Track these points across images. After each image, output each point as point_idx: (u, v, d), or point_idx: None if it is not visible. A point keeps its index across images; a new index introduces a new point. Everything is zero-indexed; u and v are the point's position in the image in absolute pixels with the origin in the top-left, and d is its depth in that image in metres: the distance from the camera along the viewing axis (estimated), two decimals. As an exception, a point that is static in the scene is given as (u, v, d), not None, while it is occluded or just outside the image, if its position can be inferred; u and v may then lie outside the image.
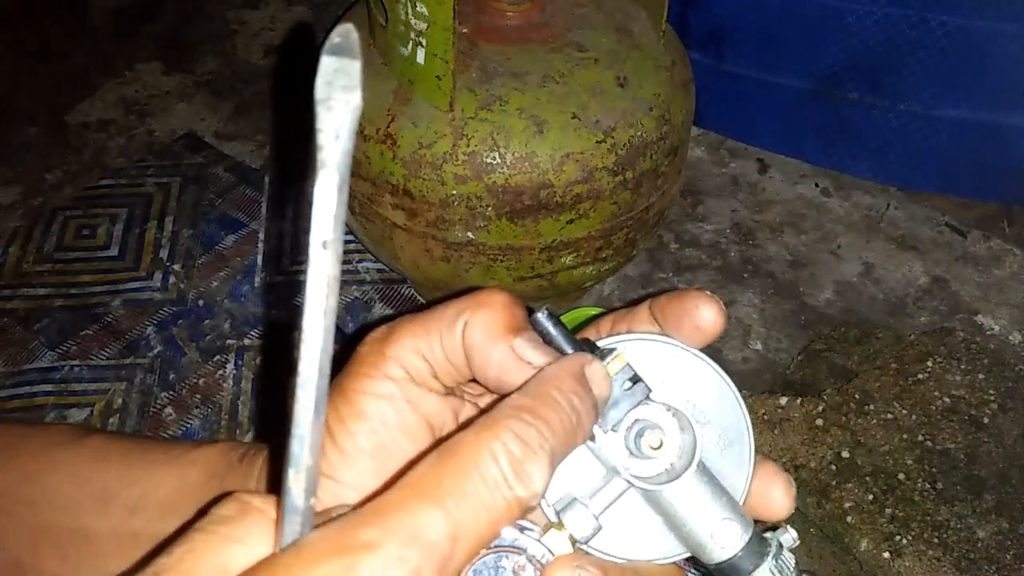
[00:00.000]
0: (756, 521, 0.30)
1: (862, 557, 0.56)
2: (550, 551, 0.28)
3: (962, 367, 0.65)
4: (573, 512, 0.28)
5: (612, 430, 0.28)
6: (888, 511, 0.57)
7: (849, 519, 0.57)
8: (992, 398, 0.63)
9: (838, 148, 0.96)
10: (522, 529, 0.29)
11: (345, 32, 0.20)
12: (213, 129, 1.04)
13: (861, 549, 0.56)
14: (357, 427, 0.27)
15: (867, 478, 0.59)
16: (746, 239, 0.90)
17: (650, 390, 0.28)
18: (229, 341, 0.79)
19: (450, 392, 0.29)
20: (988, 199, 0.94)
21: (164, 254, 0.87)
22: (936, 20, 0.82)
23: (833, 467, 0.60)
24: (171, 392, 0.75)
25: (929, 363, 0.66)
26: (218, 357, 0.78)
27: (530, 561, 0.28)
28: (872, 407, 0.63)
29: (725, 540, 0.29)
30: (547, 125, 0.68)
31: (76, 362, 0.77)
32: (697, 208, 0.93)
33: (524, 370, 0.27)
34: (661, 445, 0.28)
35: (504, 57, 0.71)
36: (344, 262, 0.86)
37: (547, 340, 0.29)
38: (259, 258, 0.86)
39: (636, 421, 0.28)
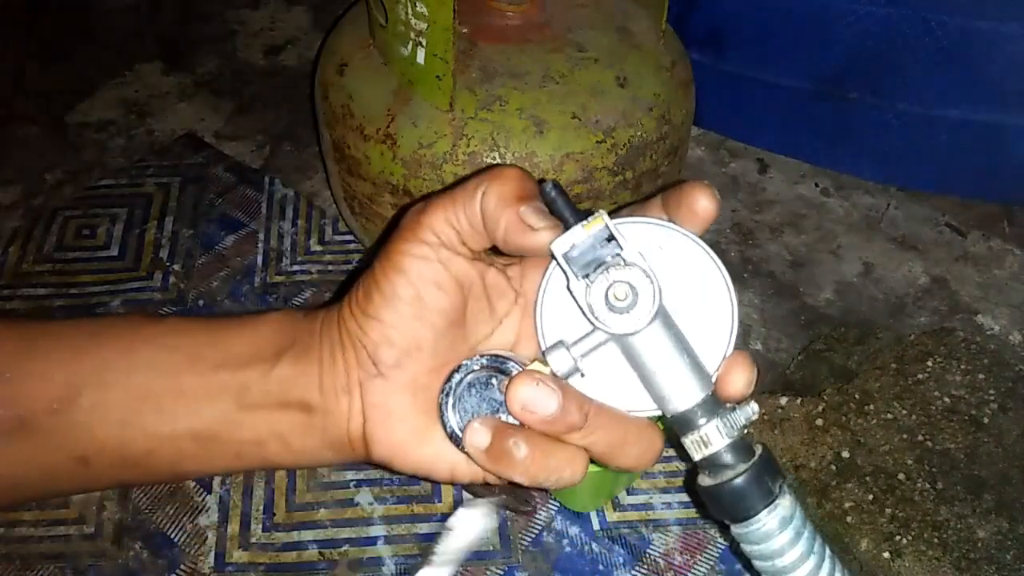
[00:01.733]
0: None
1: (862, 557, 0.56)
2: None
3: (962, 367, 0.65)
4: (556, 352, 0.33)
5: (584, 278, 0.32)
6: (888, 511, 0.57)
7: (849, 519, 0.57)
8: (992, 398, 0.63)
9: (838, 148, 0.96)
10: (511, 353, 0.35)
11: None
12: (213, 129, 1.04)
13: (861, 549, 0.56)
14: (397, 279, 0.34)
15: (867, 478, 0.59)
16: (746, 239, 0.90)
17: (621, 248, 0.32)
18: (229, 341, 0.79)
19: (477, 257, 0.35)
20: (988, 199, 0.94)
21: (164, 254, 0.87)
22: (936, 20, 0.82)
23: (833, 467, 0.60)
24: (171, 392, 0.75)
25: (929, 363, 0.66)
26: (218, 357, 0.78)
27: (517, 364, 0.34)
28: (872, 407, 0.63)
29: (682, 393, 0.33)
30: (547, 125, 0.68)
31: (76, 362, 0.77)
32: (697, 208, 0.93)
33: (527, 233, 0.32)
34: (628, 299, 0.32)
35: (504, 57, 0.71)
36: (344, 262, 0.86)
37: (551, 209, 0.33)
38: (259, 258, 0.86)
39: (611, 277, 0.32)
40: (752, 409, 0.34)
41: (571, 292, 0.32)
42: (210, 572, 0.64)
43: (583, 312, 0.32)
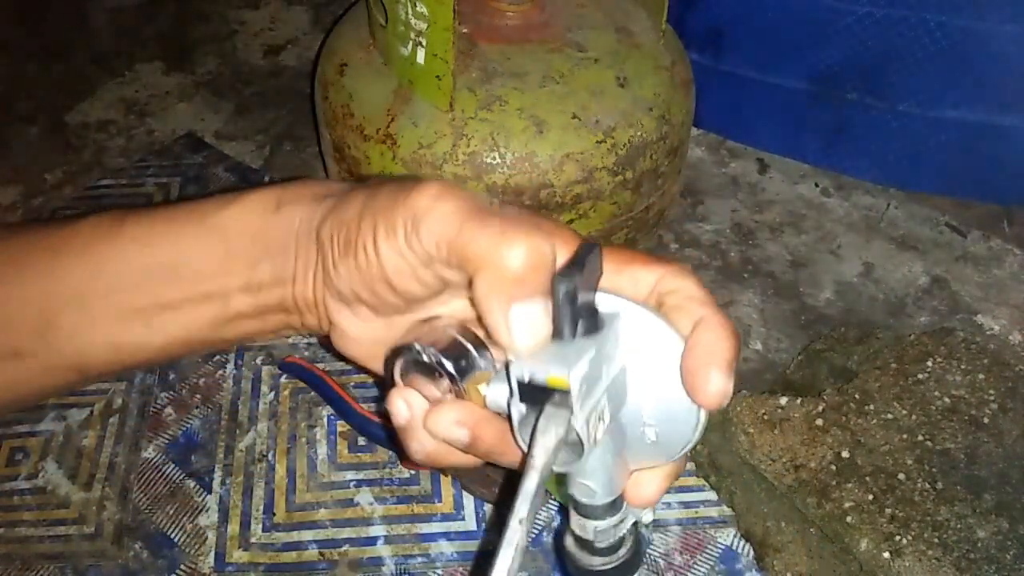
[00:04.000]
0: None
1: (862, 557, 0.56)
2: (460, 388, 0.32)
3: (962, 367, 0.65)
4: (497, 386, 0.31)
5: (524, 402, 0.29)
6: (888, 511, 0.57)
7: (849, 519, 0.57)
8: (992, 398, 0.63)
9: (838, 148, 0.96)
10: (476, 349, 0.32)
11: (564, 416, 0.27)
12: (213, 129, 1.04)
13: (861, 549, 0.56)
14: (373, 259, 0.31)
15: (867, 478, 0.59)
16: (746, 239, 0.90)
17: (572, 415, 0.28)
18: (229, 341, 0.79)
19: None
20: (988, 199, 0.94)
21: (164, 254, 0.87)
22: (936, 20, 0.82)
23: (833, 467, 0.60)
24: (171, 392, 0.75)
25: (929, 363, 0.66)
26: (218, 357, 0.78)
27: (451, 382, 0.32)
28: (872, 407, 0.63)
29: (586, 492, 0.31)
30: (547, 125, 0.68)
31: (76, 362, 0.77)
32: (697, 208, 0.93)
33: (501, 332, 0.29)
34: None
35: (504, 57, 0.71)
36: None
37: (553, 309, 0.29)
38: (259, 258, 0.86)
39: (548, 428, 0.28)
40: (646, 518, 0.33)
41: (507, 402, 0.30)
42: (210, 572, 0.64)
43: (510, 423, 0.30)
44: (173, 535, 0.66)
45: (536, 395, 0.28)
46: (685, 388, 0.29)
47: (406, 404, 0.32)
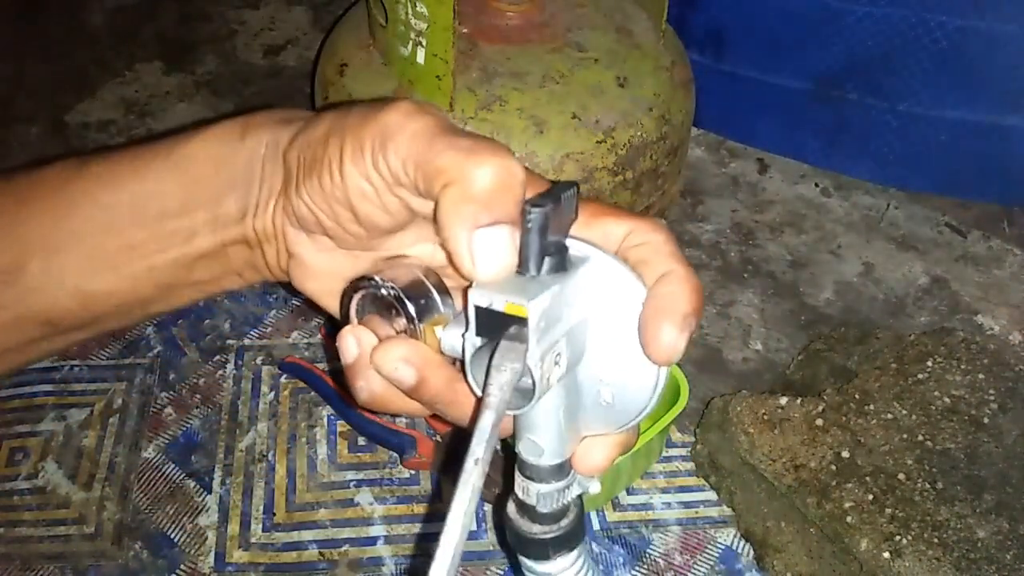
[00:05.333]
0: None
1: (862, 557, 0.56)
2: (417, 328, 0.31)
3: (962, 367, 0.65)
4: (452, 330, 0.30)
5: (480, 336, 0.28)
6: (888, 511, 0.57)
7: (849, 519, 0.57)
8: (992, 398, 0.63)
9: (838, 148, 0.96)
10: (438, 292, 0.32)
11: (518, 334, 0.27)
12: (213, 129, 1.03)
13: (861, 549, 0.56)
14: (339, 183, 0.30)
15: (867, 478, 0.59)
16: (746, 239, 0.90)
17: (527, 349, 0.27)
18: (229, 341, 0.79)
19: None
20: (988, 199, 0.94)
21: (164, 254, 0.87)
22: (936, 21, 0.82)
23: (833, 467, 0.60)
24: (171, 392, 0.75)
25: (929, 363, 0.66)
26: (218, 357, 0.78)
27: (408, 321, 0.31)
28: (872, 407, 0.63)
29: (533, 449, 0.30)
30: (547, 125, 0.68)
31: (76, 362, 0.77)
32: (697, 208, 0.93)
33: (463, 258, 0.27)
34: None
35: (504, 57, 0.71)
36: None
37: (521, 239, 0.28)
38: (259, 258, 0.86)
39: (503, 360, 0.27)
40: (593, 488, 0.32)
41: (463, 336, 0.29)
42: (210, 572, 0.64)
43: (463, 363, 0.29)
44: (173, 535, 0.66)
45: (492, 325, 0.27)
46: (640, 340, 0.28)
47: (356, 340, 0.31)
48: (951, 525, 0.56)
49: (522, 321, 0.26)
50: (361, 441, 0.72)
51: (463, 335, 0.29)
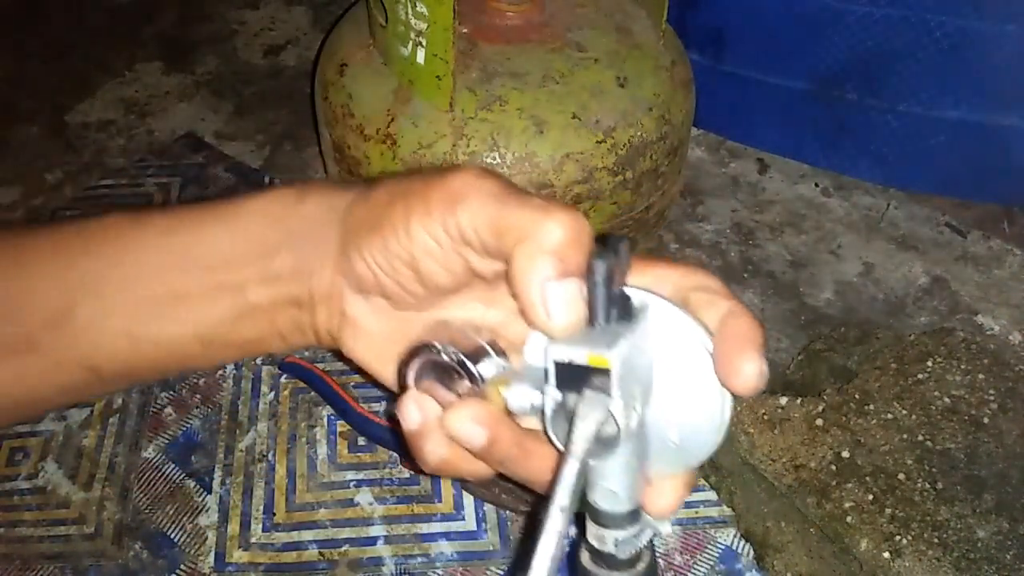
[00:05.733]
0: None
1: (862, 557, 0.56)
2: (481, 389, 0.31)
3: (962, 367, 0.65)
4: (519, 387, 0.30)
5: (560, 389, 0.28)
6: (888, 511, 0.57)
7: (849, 519, 0.57)
8: (992, 398, 0.63)
9: (838, 148, 0.96)
10: (496, 354, 0.32)
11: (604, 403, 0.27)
12: (213, 129, 1.04)
13: (861, 549, 0.56)
14: (403, 241, 0.31)
15: (867, 478, 0.59)
16: (746, 239, 0.90)
17: (610, 398, 0.28)
18: (229, 341, 0.79)
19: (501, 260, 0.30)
20: (988, 199, 0.94)
21: (164, 254, 0.87)
22: (936, 21, 0.82)
23: (833, 467, 0.60)
24: (171, 392, 0.75)
25: (929, 363, 0.66)
26: (218, 357, 0.78)
27: (472, 383, 0.32)
28: (872, 407, 0.63)
29: (607, 498, 0.30)
30: (547, 125, 0.68)
31: (76, 362, 0.77)
32: (697, 208, 0.93)
33: (537, 314, 0.28)
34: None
35: (504, 57, 0.71)
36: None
37: (588, 292, 0.29)
38: (259, 258, 0.86)
39: (585, 413, 0.28)
40: (664, 530, 0.33)
41: (542, 392, 0.29)
42: (210, 572, 0.64)
43: (543, 420, 0.30)
44: (173, 535, 0.66)
45: (573, 379, 0.28)
46: (718, 375, 0.29)
47: (418, 408, 0.32)
48: (951, 525, 0.56)
49: (604, 372, 0.27)
50: (361, 441, 0.72)
51: (542, 391, 0.29)
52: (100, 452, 0.71)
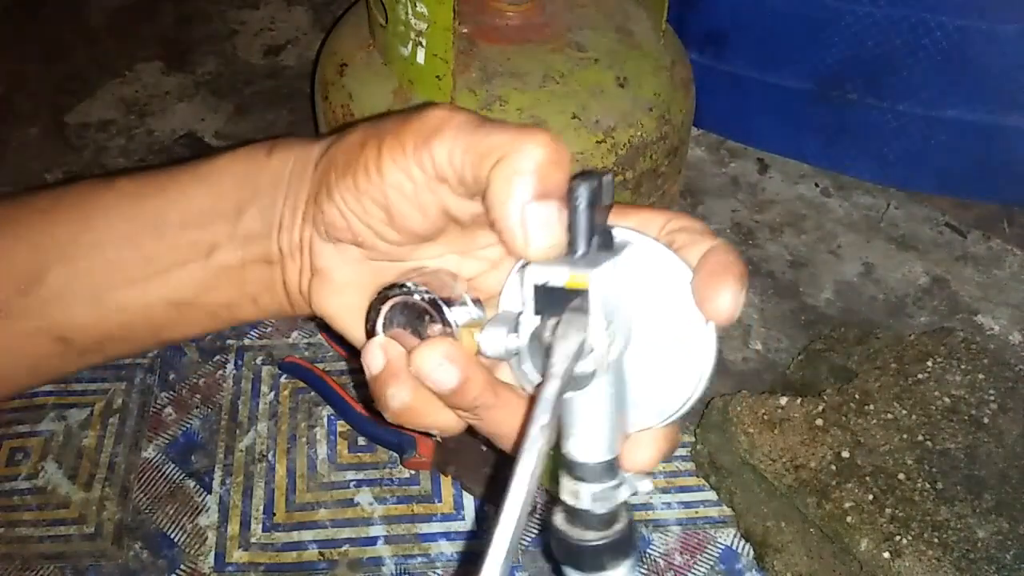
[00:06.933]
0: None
1: (862, 557, 0.56)
2: (454, 332, 0.30)
3: (962, 367, 0.65)
4: (492, 330, 0.29)
5: (539, 315, 0.28)
6: (888, 511, 0.57)
7: (849, 519, 0.57)
8: (992, 398, 0.63)
9: (838, 148, 0.96)
10: (470, 298, 0.31)
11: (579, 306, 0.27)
12: (213, 129, 1.04)
13: (861, 549, 0.56)
14: (376, 182, 0.30)
15: (867, 478, 0.59)
16: (746, 239, 0.90)
17: (589, 317, 0.27)
18: (229, 341, 0.79)
19: (477, 196, 0.29)
20: (988, 199, 0.94)
21: (164, 254, 0.87)
22: (936, 21, 0.82)
23: (833, 467, 0.60)
24: (171, 392, 0.75)
25: (929, 363, 0.66)
26: (218, 357, 0.78)
27: (444, 325, 0.30)
28: (872, 407, 0.63)
29: (583, 447, 0.29)
30: (547, 125, 0.68)
31: (76, 362, 0.77)
32: (697, 208, 0.93)
33: (515, 236, 0.27)
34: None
35: (504, 57, 0.71)
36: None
37: (569, 216, 0.27)
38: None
39: (564, 333, 0.27)
40: (644, 487, 0.31)
41: (520, 314, 0.29)
42: (210, 572, 0.64)
43: (518, 362, 0.29)
44: (173, 535, 0.66)
45: (551, 303, 0.27)
46: (696, 302, 0.28)
47: (383, 350, 0.30)
48: (951, 525, 0.56)
49: (584, 293, 0.26)
50: (361, 441, 0.72)
51: (517, 333, 0.28)
52: (100, 452, 0.71)
